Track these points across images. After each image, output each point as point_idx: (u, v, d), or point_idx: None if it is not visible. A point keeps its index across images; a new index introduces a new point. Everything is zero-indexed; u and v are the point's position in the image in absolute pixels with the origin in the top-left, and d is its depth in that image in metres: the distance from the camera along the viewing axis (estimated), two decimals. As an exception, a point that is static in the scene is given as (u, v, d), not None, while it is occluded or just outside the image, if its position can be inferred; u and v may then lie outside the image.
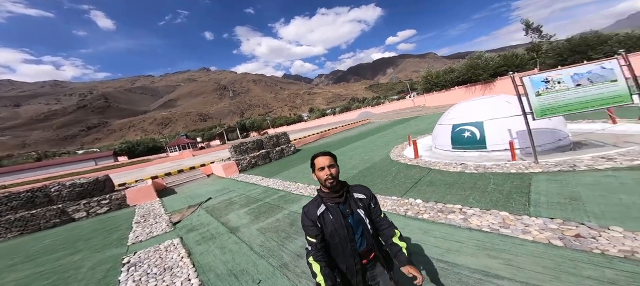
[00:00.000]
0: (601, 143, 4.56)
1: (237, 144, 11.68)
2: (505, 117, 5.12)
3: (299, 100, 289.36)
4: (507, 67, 21.15)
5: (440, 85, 27.49)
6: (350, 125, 24.76)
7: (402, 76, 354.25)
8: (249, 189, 6.89)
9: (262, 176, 8.57)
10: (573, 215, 2.42)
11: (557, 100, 3.95)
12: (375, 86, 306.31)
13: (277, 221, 4.05)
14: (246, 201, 5.73)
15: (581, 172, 3.39)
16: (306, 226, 1.25)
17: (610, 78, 3.68)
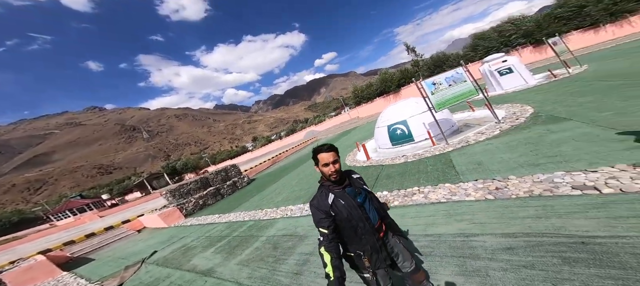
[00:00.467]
0: (473, 125, 6.65)
1: (175, 188, 9.50)
2: (418, 113, 6.62)
3: (239, 130, 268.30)
4: (405, 79, 28.58)
5: (366, 98, 32.90)
6: (299, 145, 25.04)
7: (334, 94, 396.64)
8: (207, 230, 6.07)
9: (219, 213, 7.51)
10: (485, 175, 3.30)
11: (443, 96, 5.54)
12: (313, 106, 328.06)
13: (257, 250, 3.66)
14: (209, 242, 4.98)
15: (472, 145, 4.73)
16: (319, 219, 1.22)
17: (462, 79, 5.57)
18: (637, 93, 4.08)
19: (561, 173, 2.63)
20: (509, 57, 9.79)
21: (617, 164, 2.41)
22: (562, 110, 4.65)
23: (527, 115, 5.11)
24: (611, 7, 16.66)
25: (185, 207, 9.18)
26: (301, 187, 6.76)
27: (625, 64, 6.80)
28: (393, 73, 31.11)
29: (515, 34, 20.67)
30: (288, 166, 13.31)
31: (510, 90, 9.13)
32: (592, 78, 6.36)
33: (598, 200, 2.05)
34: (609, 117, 3.56)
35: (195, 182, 10.03)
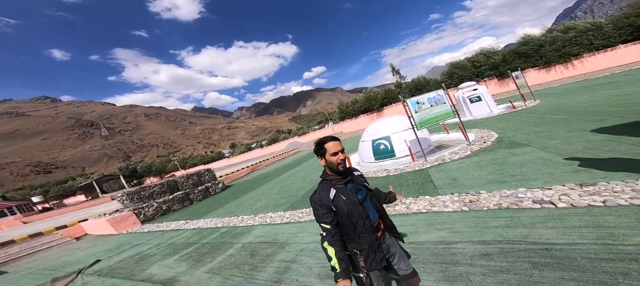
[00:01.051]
0: (447, 145, 7.26)
1: (134, 191, 8.46)
2: (400, 131, 7.05)
3: (217, 135, 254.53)
4: (388, 99, 30.49)
5: (350, 114, 34.08)
6: (281, 155, 24.56)
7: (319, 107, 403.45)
8: (170, 237, 5.59)
9: (187, 220, 6.94)
10: (460, 189, 3.57)
11: (425, 116, 6.02)
12: (298, 117, 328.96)
13: (231, 256, 3.41)
14: (171, 249, 4.54)
15: (448, 163, 5.12)
16: (321, 214, 1.21)
17: (442, 101, 6.16)
18: (578, 126, 4.90)
19: (523, 190, 2.95)
20: (479, 87, 11.15)
21: (567, 183, 2.79)
22: (521, 137, 5.35)
23: (493, 140, 5.76)
24: (561, 49, 19.87)
25: (143, 212, 8.26)
26: (282, 195, 6.52)
27: (569, 101, 8.20)
28: (377, 92, 33.13)
29: (485, 65, 23.52)
30: (269, 174, 12.86)
31: (478, 117, 10.30)
32: (544, 112, 7.52)
33: (555, 213, 2.32)
34: (557, 145, 4.18)
35: (161, 186, 9.10)
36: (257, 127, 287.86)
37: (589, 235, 1.89)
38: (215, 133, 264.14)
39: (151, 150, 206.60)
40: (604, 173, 2.79)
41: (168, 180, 9.56)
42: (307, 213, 4.39)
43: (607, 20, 19.43)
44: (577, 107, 6.88)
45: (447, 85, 25.29)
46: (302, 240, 3.31)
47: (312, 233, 3.46)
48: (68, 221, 10.12)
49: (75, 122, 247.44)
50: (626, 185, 2.41)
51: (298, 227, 3.87)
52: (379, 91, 33.34)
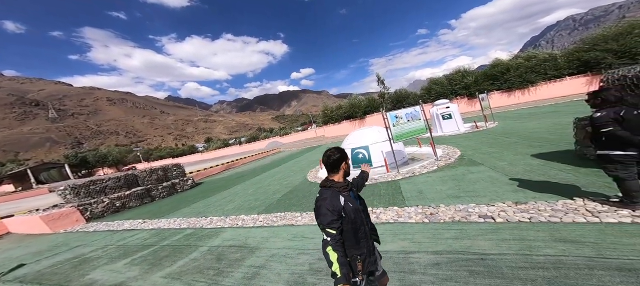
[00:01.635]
0: (419, 159, 7.91)
1: (82, 184, 7.53)
2: (379, 141, 7.50)
3: (191, 128, 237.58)
4: (371, 108, 31.75)
5: (334, 119, 34.70)
6: (260, 154, 23.93)
7: (304, 109, 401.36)
8: (122, 237, 5.14)
9: (145, 219, 6.43)
10: (424, 202, 3.97)
11: (401, 130, 6.52)
12: (281, 117, 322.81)
13: (195, 260, 3.26)
14: (122, 252, 4.17)
15: (417, 176, 5.61)
16: (331, 220, 1.25)
17: (418, 117, 6.74)
18: (522, 150, 5.77)
19: (473, 205, 3.42)
20: (451, 105, 12.30)
21: (507, 201, 3.32)
22: (478, 156, 6.10)
23: (456, 157, 6.47)
24: (522, 75, 21.76)
25: (91, 208, 7.37)
26: (257, 197, 6.44)
27: (520, 126, 9.51)
28: (361, 100, 34.36)
29: (459, 84, 25.68)
30: (245, 173, 12.49)
31: (448, 134, 11.38)
32: (499, 134, 8.63)
33: (493, 226, 2.76)
34: (504, 166, 4.89)
35: (116, 179, 8.20)
36: (237, 122, 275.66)
37: (515, 247, 2.30)
38: (189, 125, 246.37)
39: (109, 138, 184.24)
40: (534, 194, 3.37)
41: (126, 174, 8.66)
42: (282, 218, 4.43)
43: (561, 53, 22.44)
44: (525, 131, 8.04)
45: (424, 100, 27.27)
46: (274, 245, 3.35)
47: (285, 238, 3.52)
48: None
49: (16, 99, 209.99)
50: (548, 205, 2.96)
51: (271, 232, 3.89)
52: (363, 99, 34.60)
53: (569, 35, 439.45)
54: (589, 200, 2.84)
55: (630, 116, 2.29)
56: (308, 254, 2.87)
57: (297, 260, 2.79)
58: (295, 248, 3.11)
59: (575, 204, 2.84)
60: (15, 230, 7.67)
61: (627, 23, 18.61)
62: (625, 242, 2.04)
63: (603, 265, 1.82)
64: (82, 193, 7.40)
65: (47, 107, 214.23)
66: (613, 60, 17.68)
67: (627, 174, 2.40)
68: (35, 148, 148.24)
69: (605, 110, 2.42)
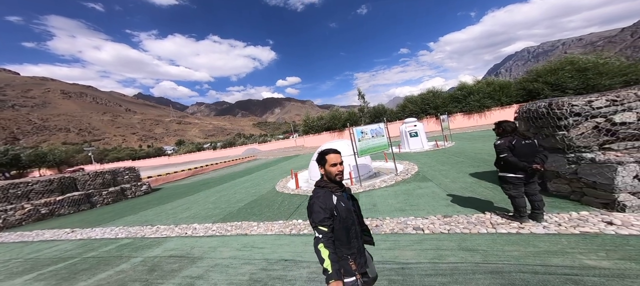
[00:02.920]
0: (383, 173, 8.49)
1: (3, 186, 6.45)
2: (347, 155, 7.90)
3: (161, 129, 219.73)
4: (350, 121, 32.93)
5: (314, 129, 35.21)
6: (234, 161, 23.06)
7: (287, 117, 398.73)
8: (34, 250, 4.62)
9: (73, 228, 5.85)
10: (374, 214, 4.31)
11: (366, 145, 7.01)
12: (263, 124, 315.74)
13: (121, 273, 3.05)
14: (29, 266, 3.71)
15: (376, 190, 6.02)
16: (322, 218, 1.30)
17: (381, 134, 7.33)
18: (464, 169, 6.59)
19: (412, 218, 3.85)
20: (418, 123, 13.47)
21: (438, 214, 3.81)
22: (430, 173, 6.81)
23: (413, 173, 7.12)
24: (481, 99, 24.41)
25: (5, 216, 6.50)
26: (217, 206, 6.26)
27: (469, 147, 10.80)
28: (342, 112, 35.64)
29: (431, 104, 27.94)
30: (211, 181, 11.93)
31: (413, 151, 12.39)
32: (452, 153, 9.70)
33: (421, 237, 3.16)
34: (447, 183, 5.55)
35: (47, 183, 7.23)
36: (214, 126, 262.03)
37: (429, 255, 2.68)
38: (159, 126, 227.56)
39: (56, 134, 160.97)
40: (459, 208, 3.93)
41: (62, 177, 7.66)
42: (237, 227, 4.41)
43: (515, 81, 25.84)
44: (472, 152, 9.19)
45: (399, 117, 29.37)
46: (220, 254, 3.33)
47: (234, 248, 3.52)
48: None
49: None
50: (466, 218, 3.48)
51: (221, 241, 3.85)
52: (344, 112, 35.94)
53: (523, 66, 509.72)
54: (495, 214, 3.43)
55: (519, 145, 2.91)
56: (252, 264, 2.93)
57: (239, 270, 2.82)
58: (241, 258, 3.14)
59: (484, 217, 3.39)
60: None
61: (563, 58, 22.58)
62: (506, 250, 2.53)
63: (483, 270, 2.25)
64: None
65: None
66: (549, 92, 21.19)
67: (516, 192, 3.00)
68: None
69: (503, 139, 3.04)
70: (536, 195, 2.99)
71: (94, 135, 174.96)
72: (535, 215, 3.02)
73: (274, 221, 4.49)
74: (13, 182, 6.63)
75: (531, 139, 2.97)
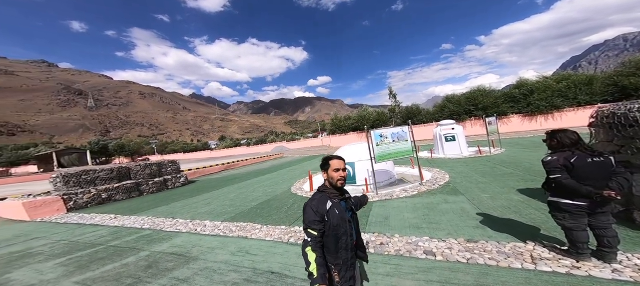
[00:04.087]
0: (407, 181, 7.65)
1: (76, 172, 8.11)
2: (365, 159, 7.40)
3: (208, 125, 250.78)
4: (379, 121, 31.28)
5: (341, 129, 34.74)
6: (262, 158, 24.47)
7: (317, 116, 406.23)
8: (81, 232, 5.27)
9: (117, 214, 6.70)
10: (383, 229, 3.84)
11: (385, 150, 6.40)
12: (294, 122, 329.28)
13: (124, 266, 3.27)
14: (67, 249, 4.27)
15: (393, 200, 5.39)
16: (312, 220, 1.32)
17: (405, 138, 6.58)
18: (511, 183, 5.39)
19: (426, 238, 3.27)
20: (456, 126, 11.80)
21: (459, 237, 3.14)
22: (463, 185, 5.79)
23: (442, 183, 6.19)
24: (548, 98, 19.95)
25: (75, 198, 7.72)
26: (234, 203, 6.61)
27: (524, 156, 8.85)
28: (371, 113, 34.15)
29: (480, 104, 23.60)
30: (238, 176, 12.86)
31: (448, 156, 10.90)
32: (499, 162, 8.12)
33: (429, 265, 2.63)
34: (484, 199, 4.61)
35: (108, 171, 8.78)
36: (250, 123, 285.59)
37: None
38: (207, 122, 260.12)
39: (134, 129, 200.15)
40: (492, 233, 3.16)
41: (120, 166, 9.26)
42: (241, 228, 4.53)
43: (602, 75, 20.18)
44: (526, 163, 7.49)
45: (437, 118, 26.35)
46: (214, 257, 3.40)
47: (229, 251, 3.59)
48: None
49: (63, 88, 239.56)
50: (496, 246, 2.77)
51: (221, 242, 3.99)
52: (373, 111, 34.38)
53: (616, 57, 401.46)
54: (540, 245, 2.64)
55: (582, 164, 2.13)
56: (238, 273, 2.89)
57: (224, 277, 2.81)
58: (231, 263, 3.16)
59: (523, 248, 2.64)
60: (2, 215, 7.96)
61: None
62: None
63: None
64: (72, 183, 7.93)
65: (87, 96, 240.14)
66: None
67: (574, 224, 2.21)
68: (69, 133, 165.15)
69: (556, 155, 2.28)
70: (608, 228, 2.15)
71: (159, 129, 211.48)
72: (604, 254, 2.18)
73: (277, 225, 4.43)
74: (85, 169, 8.33)
75: (605, 156, 2.12)
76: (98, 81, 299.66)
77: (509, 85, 25.68)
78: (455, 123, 12.19)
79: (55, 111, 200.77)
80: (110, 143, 49.47)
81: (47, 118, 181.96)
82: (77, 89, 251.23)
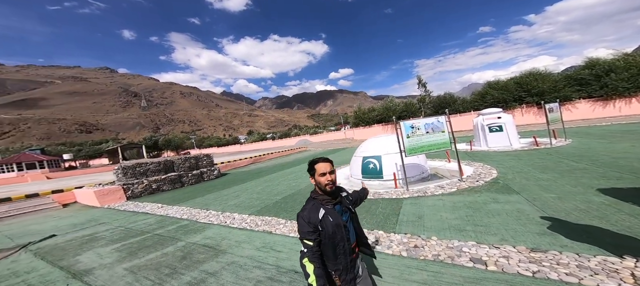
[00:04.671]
0: (442, 176, 6.84)
1: (131, 165, 9.28)
2: (394, 152, 6.84)
3: (238, 121, 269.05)
4: (407, 112, 29.15)
5: (365, 121, 33.46)
6: (287, 151, 25.10)
7: (339, 109, 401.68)
8: (135, 220, 5.84)
9: (163, 204, 7.35)
10: (416, 230, 3.42)
11: (417, 142, 5.76)
12: (316, 116, 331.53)
13: (164, 255, 3.51)
14: (123, 235, 4.74)
15: (428, 197, 4.85)
16: (307, 231, 1.28)
17: (441, 129, 5.82)
18: (588, 181, 4.32)
19: (473, 244, 2.78)
20: (504, 115, 10.15)
21: (519, 245, 2.57)
22: (518, 182, 4.88)
23: (488, 179, 5.34)
24: (632, 78, 15.94)
25: (132, 188, 8.78)
26: (260, 197, 6.80)
27: (601, 147, 7.14)
28: (398, 103, 31.99)
29: (533, 89, 19.93)
30: (264, 170, 13.34)
31: (493, 149, 9.47)
32: (566, 156, 6.68)
33: (479, 275, 2.18)
34: (549, 199, 3.77)
35: (157, 164, 9.89)
36: (276, 118, 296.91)
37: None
38: (236, 118, 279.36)
39: (178, 126, 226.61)
40: (567, 241, 2.52)
41: (165, 160, 10.39)
42: (266, 222, 4.56)
43: None
44: (606, 156, 5.99)
45: (477, 107, 23.31)
46: (241, 252, 3.44)
47: (255, 246, 3.59)
48: (84, 182, 11.25)
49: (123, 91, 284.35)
50: (575, 259, 2.18)
51: (247, 236, 4.05)
52: (399, 102, 32.19)
53: None
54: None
55: None
56: (263, 269, 2.84)
57: (249, 273, 2.79)
58: (256, 259, 3.15)
59: (620, 264, 2.01)
60: (80, 200, 9.10)
61: None
62: None
63: None
64: (129, 174, 9.13)
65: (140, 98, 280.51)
66: None
67: None
68: (129, 130, 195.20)
69: None
70: None
71: (197, 126, 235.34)
72: None
73: (300, 221, 4.37)
74: (138, 162, 9.60)
75: None
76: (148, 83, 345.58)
77: (572, 66, 21.59)
78: (502, 111, 10.49)
79: (118, 111, 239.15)
80: (159, 139, 56.80)
81: (112, 117, 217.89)
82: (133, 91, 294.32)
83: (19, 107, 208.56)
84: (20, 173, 28.52)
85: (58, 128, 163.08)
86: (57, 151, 57.27)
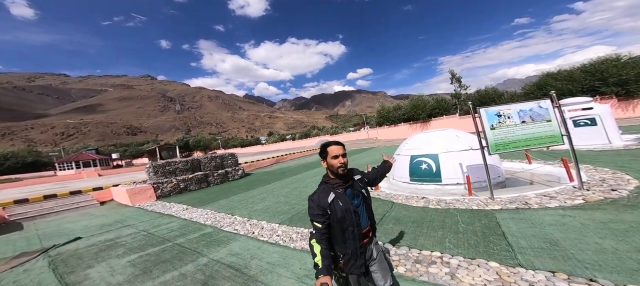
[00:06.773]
0: (526, 181, 5.05)
1: (162, 164, 8.99)
2: (455, 150, 5.27)
3: (259, 122, 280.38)
4: (439, 110, 26.13)
5: (390, 121, 31.02)
6: (308, 151, 24.21)
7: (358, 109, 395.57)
8: (159, 223, 5.28)
9: (188, 205, 6.77)
10: (567, 266, 2.02)
11: (508, 135, 4.10)
12: (334, 116, 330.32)
13: (181, 278, 2.65)
14: (143, 242, 4.10)
15: (535, 210, 3.31)
16: (316, 214, 1.29)
17: (546, 118, 4.08)
18: None
19: None
20: (597, 105, 7.75)
21: None
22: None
23: (631, 188, 3.53)
24: None
25: (161, 187, 8.49)
26: (288, 201, 5.74)
27: None
28: (427, 100, 29.00)
29: (612, 78, 16.19)
30: (288, 170, 12.44)
31: (584, 148, 7.19)
32: None
33: None
34: None
35: (185, 163, 9.56)
36: (294, 119, 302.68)
37: None
38: (258, 120, 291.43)
39: (206, 127, 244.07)
40: None
41: (193, 159, 10.04)
42: (302, 236, 3.45)
43: None
44: None
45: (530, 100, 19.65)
46: (277, 280, 2.37)
47: (294, 272, 2.49)
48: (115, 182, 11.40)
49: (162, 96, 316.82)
50: None
51: (282, 255, 2.94)
52: (429, 99, 29.13)
53: None
54: None
55: None
56: None
57: None
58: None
59: None
60: (116, 198, 8.96)
61: None
62: None
63: None
64: (159, 173, 8.87)
65: (175, 102, 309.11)
66: None
67: None
68: (166, 132, 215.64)
69: None
70: None
71: (222, 127, 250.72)
72: None
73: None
74: (168, 161, 9.39)
75: None
76: (181, 88, 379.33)
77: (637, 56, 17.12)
78: (592, 100, 8.07)
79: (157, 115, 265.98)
80: (190, 140, 60.75)
81: (153, 121, 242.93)
82: (169, 96, 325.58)
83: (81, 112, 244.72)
84: (77, 170, 32.22)
85: (110, 130, 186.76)
86: (108, 151, 64.59)
